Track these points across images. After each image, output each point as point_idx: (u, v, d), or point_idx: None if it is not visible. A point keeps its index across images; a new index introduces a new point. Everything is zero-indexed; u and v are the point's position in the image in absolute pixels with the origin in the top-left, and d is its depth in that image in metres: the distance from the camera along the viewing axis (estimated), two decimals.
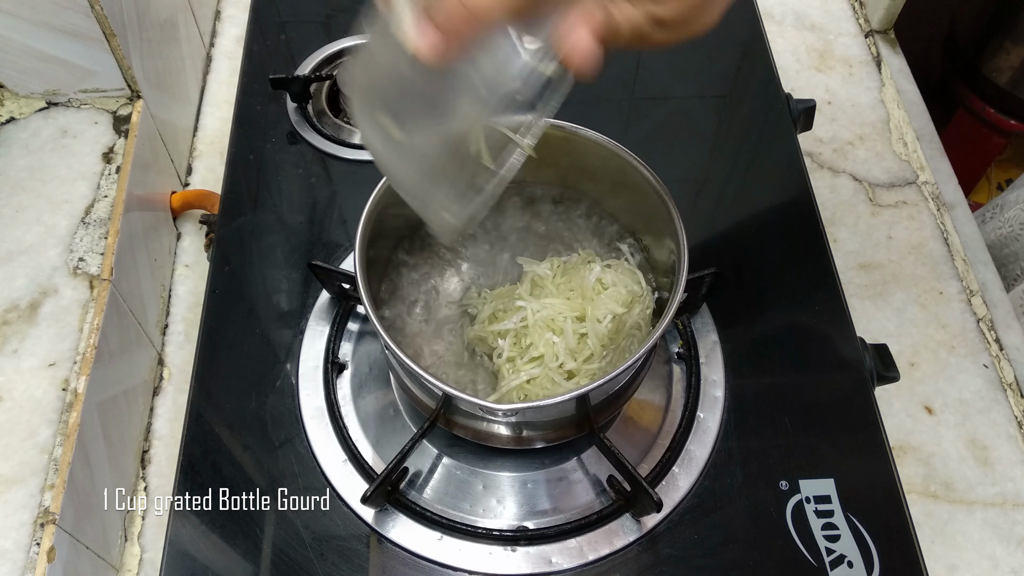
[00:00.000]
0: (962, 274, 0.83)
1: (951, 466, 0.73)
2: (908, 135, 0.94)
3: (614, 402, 0.57)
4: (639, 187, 0.56)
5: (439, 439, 0.61)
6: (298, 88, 0.78)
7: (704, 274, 0.62)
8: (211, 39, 1.01)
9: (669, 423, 0.62)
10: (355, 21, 0.87)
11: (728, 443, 0.61)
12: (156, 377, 0.77)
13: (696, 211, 0.75)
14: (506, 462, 0.60)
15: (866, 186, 0.90)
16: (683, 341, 0.66)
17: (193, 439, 0.61)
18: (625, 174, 0.56)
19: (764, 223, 0.74)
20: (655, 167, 0.54)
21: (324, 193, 0.75)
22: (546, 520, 0.58)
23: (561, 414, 0.54)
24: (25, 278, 0.67)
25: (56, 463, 0.59)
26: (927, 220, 0.87)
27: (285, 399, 0.63)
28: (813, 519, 0.58)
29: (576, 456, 0.61)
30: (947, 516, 0.70)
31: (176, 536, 0.57)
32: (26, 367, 0.63)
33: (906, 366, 0.77)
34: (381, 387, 0.64)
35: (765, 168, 0.78)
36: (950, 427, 0.75)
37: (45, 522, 0.56)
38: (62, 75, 0.75)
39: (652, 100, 0.82)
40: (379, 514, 0.58)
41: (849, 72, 0.99)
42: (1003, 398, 0.76)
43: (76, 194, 0.72)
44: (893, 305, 0.82)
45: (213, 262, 0.70)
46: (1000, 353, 0.79)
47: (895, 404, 0.76)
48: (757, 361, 0.65)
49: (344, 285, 0.65)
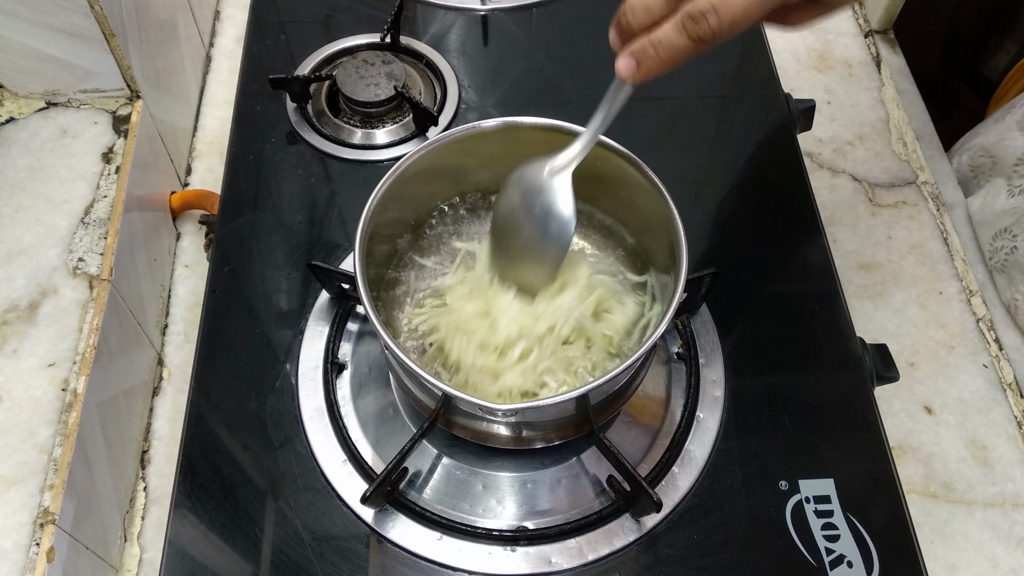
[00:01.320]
0: (962, 274, 0.83)
1: (951, 466, 0.73)
2: (908, 135, 0.94)
3: (614, 402, 0.57)
4: (638, 187, 0.55)
5: (439, 439, 0.61)
6: (298, 88, 0.78)
7: (704, 274, 0.62)
8: (211, 39, 1.01)
9: (669, 423, 0.62)
10: (355, 21, 0.87)
11: (728, 443, 0.61)
12: (156, 377, 0.77)
13: (696, 211, 0.75)
14: (506, 462, 0.60)
15: (866, 186, 0.90)
16: (683, 341, 0.66)
17: (193, 439, 0.61)
18: (625, 174, 0.56)
19: (764, 223, 0.74)
20: (655, 167, 0.54)
21: (324, 193, 0.74)
22: (546, 520, 0.58)
23: (561, 414, 0.54)
24: (25, 278, 0.67)
25: (56, 463, 0.59)
26: (927, 220, 0.87)
27: (285, 399, 0.63)
28: (813, 519, 0.58)
29: (576, 456, 0.61)
30: (947, 516, 0.70)
31: (176, 536, 0.57)
32: (25, 367, 0.63)
33: (906, 366, 0.77)
34: (381, 387, 0.64)
35: (765, 168, 0.78)
36: (950, 427, 0.75)
37: (44, 522, 0.56)
38: (62, 75, 0.75)
39: (652, 100, 0.82)
40: (379, 514, 0.58)
41: (849, 72, 0.99)
42: (1003, 398, 0.76)
43: (76, 194, 0.72)
44: (893, 305, 0.82)
45: (213, 262, 0.70)
46: (1000, 353, 0.79)
47: (895, 404, 0.76)
48: (757, 361, 0.65)
49: (344, 285, 0.65)
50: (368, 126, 0.79)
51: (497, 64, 0.85)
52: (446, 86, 0.81)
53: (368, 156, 0.77)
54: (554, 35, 0.88)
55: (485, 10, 0.88)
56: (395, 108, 0.79)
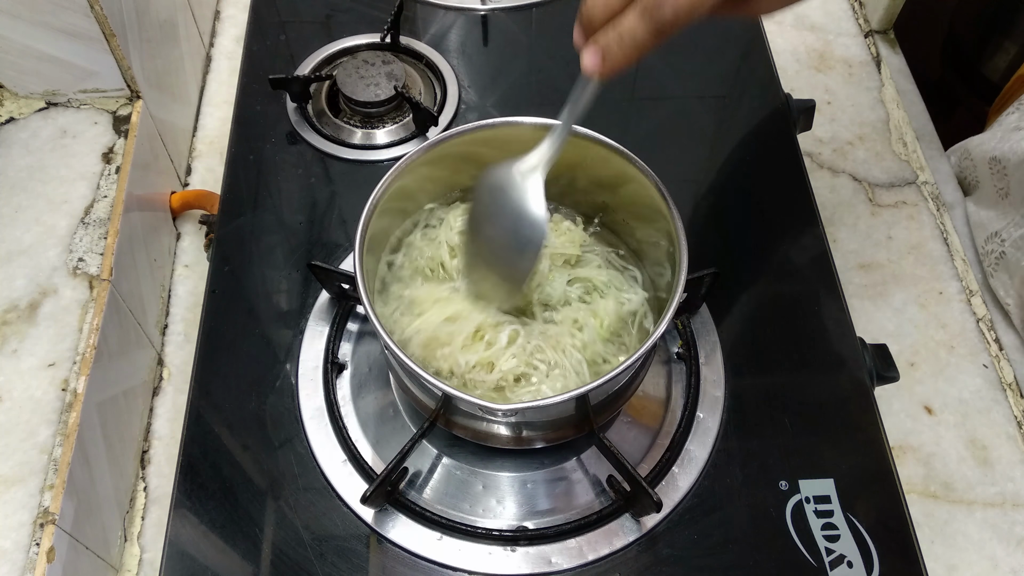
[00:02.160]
0: (962, 274, 0.83)
1: (951, 466, 0.73)
2: (908, 135, 0.94)
3: (614, 402, 0.57)
4: (639, 187, 0.55)
5: (439, 439, 0.61)
6: (298, 88, 0.78)
7: (704, 274, 0.62)
8: (211, 39, 1.01)
9: (669, 423, 0.62)
10: (355, 21, 0.87)
11: (728, 443, 0.61)
12: (156, 377, 0.77)
13: (696, 211, 0.75)
14: (506, 462, 0.60)
15: (866, 186, 0.90)
16: (683, 341, 0.66)
17: (193, 439, 0.61)
18: (625, 174, 0.56)
19: (764, 223, 0.74)
20: (655, 167, 0.54)
21: (324, 193, 0.74)
22: (546, 520, 0.58)
23: (561, 414, 0.54)
24: (25, 278, 0.67)
25: (56, 463, 0.59)
26: (927, 220, 0.87)
27: (285, 399, 0.63)
28: (813, 519, 0.58)
29: (576, 456, 0.61)
30: (947, 516, 0.70)
31: (176, 536, 0.57)
32: (26, 367, 0.63)
33: (906, 366, 0.77)
34: (381, 387, 0.64)
35: (765, 168, 0.78)
36: (950, 427, 0.75)
37: (45, 522, 0.56)
38: (62, 75, 0.75)
39: (652, 100, 0.82)
40: (379, 514, 0.58)
41: (849, 72, 0.99)
42: (1003, 398, 0.76)
43: (76, 194, 0.72)
44: (893, 305, 0.82)
45: (213, 262, 0.70)
46: (1000, 353, 0.79)
47: (895, 404, 0.76)
48: (757, 361, 0.65)
49: (344, 285, 0.65)
50: (368, 126, 0.79)
51: (497, 64, 0.85)
52: (446, 86, 0.81)
53: (368, 156, 0.77)
54: (554, 35, 0.88)
55: (485, 10, 0.88)
56: (395, 108, 0.79)
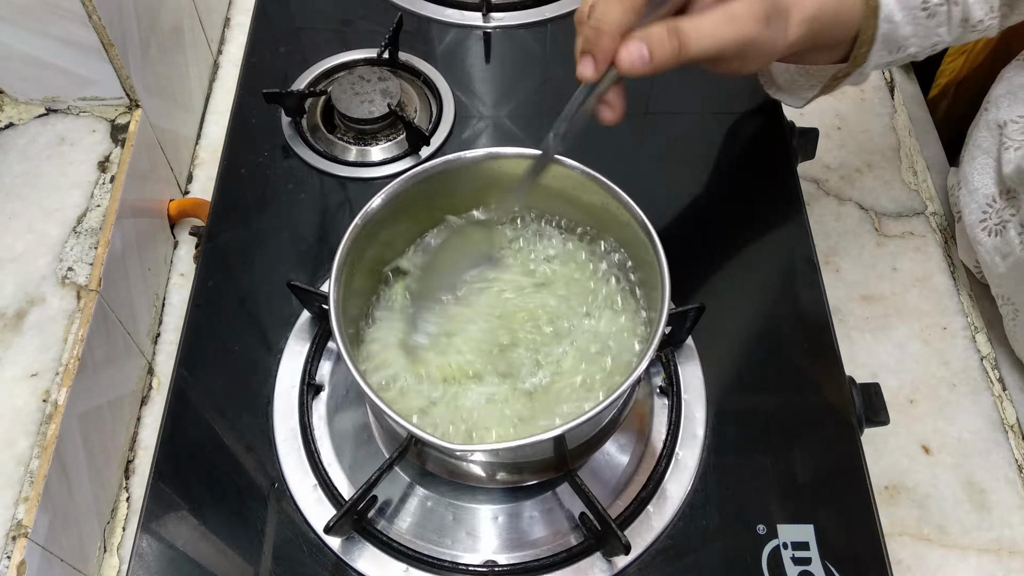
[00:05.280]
0: (967, 310, 0.81)
1: (946, 508, 0.71)
2: (918, 164, 0.91)
3: (593, 441, 0.56)
4: (624, 220, 0.54)
5: (412, 468, 0.61)
6: (292, 103, 0.77)
7: (689, 308, 0.61)
8: (219, 46, 1.01)
9: (648, 459, 0.61)
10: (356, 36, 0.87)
11: (706, 483, 0.60)
12: (145, 387, 0.77)
13: (688, 243, 0.72)
14: (479, 494, 0.60)
15: (872, 215, 0.87)
16: (667, 375, 0.64)
17: (166, 457, 0.61)
18: (610, 207, 0.55)
19: (756, 257, 0.72)
20: (645, 196, 0.53)
21: (313, 210, 0.74)
22: (516, 556, 0.57)
23: (535, 455, 0.53)
24: (13, 286, 0.67)
25: (32, 476, 0.59)
26: (934, 252, 0.85)
27: (259, 419, 0.63)
28: (790, 566, 0.56)
29: (551, 490, 0.60)
30: (939, 560, 0.68)
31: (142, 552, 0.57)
32: (8, 376, 0.63)
33: (904, 403, 0.75)
34: (357, 409, 0.64)
35: (761, 199, 0.76)
36: (947, 468, 0.73)
37: (17, 535, 0.57)
38: (62, 82, 0.75)
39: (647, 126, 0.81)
40: (346, 543, 0.57)
41: (861, 97, 0.97)
42: (1004, 439, 0.74)
43: (69, 203, 0.72)
44: (894, 339, 0.79)
45: (197, 275, 0.70)
46: (1003, 393, 0.76)
47: (891, 441, 0.74)
48: (742, 399, 0.64)
49: (324, 306, 0.64)
50: (362, 143, 0.78)
51: (498, 82, 0.84)
52: (442, 104, 0.80)
53: (360, 173, 0.76)
54: (557, 53, 0.87)
55: (487, 27, 0.87)
56: (389, 126, 0.78)
